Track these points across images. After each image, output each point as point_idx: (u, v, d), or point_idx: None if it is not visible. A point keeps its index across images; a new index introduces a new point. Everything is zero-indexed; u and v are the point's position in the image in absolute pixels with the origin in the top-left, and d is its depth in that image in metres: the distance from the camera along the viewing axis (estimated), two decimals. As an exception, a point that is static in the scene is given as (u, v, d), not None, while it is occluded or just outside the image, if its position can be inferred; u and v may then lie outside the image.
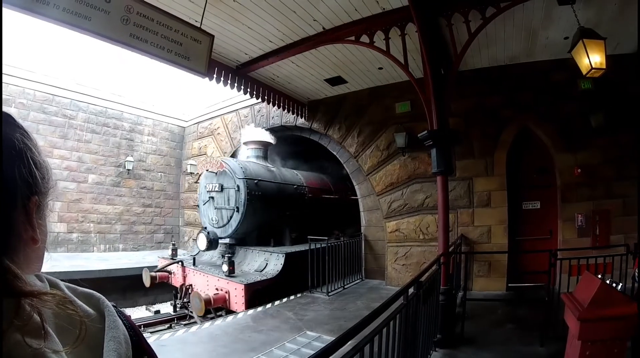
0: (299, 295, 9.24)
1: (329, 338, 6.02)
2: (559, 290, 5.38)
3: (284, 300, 8.82)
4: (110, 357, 0.70)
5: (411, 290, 3.78)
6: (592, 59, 5.55)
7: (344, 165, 11.80)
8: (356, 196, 11.93)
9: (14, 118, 0.74)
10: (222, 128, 15.38)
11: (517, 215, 9.03)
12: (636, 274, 5.61)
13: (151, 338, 6.13)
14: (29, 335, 0.58)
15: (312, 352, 2.08)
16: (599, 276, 3.94)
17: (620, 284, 5.11)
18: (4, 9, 3.95)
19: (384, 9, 6.91)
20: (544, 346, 5.26)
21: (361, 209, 11.47)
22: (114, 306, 0.83)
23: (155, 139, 17.13)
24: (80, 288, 0.79)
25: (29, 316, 0.60)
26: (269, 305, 8.32)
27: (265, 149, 12.69)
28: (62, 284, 0.75)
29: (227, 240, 10.83)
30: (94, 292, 0.80)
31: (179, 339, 6.28)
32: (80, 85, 14.47)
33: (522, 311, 6.89)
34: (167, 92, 17.75)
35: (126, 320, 0.84)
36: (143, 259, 13.69)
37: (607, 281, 3.61)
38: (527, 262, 8.54)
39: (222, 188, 10.64)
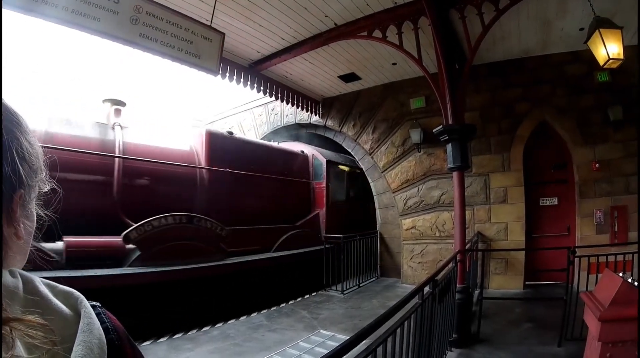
0: (313, 294, 9.23)
1: (343, 337, 5.97)
2: (578, 289, 5.27)
3: (299, 298, 8.81)
4: None
5: (426, 289, 3.71)
6: (609, 49, 5.41)
7: (359, 162, 11.73)
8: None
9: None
10: (236, 127, 15.37)
11: (535, 212, 8.88)
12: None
13: (162, 339, 6.13)
14: None
15: (326, 351, 2.03)
16: (620, 274, 3.81)
17: (638, 282, 4.99)
18: (9, 11, 3.95)
19: (395, 3, 6.82)
20: (562, 346, 5.16)
21: (377, 206, 11.39)
22: (98, 306, 0.78)
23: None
24: (60, 286, 0.74)
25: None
26: (283, 304, 8.30)
27: None
28: (37, 281, 0.70)
29: None
30: (74, 291, 0.75)
31: (190, 338, 6.28)
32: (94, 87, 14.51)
33: (539, 310, 6.76)
34: (183, 94, 17.74)
35: (110, 322, 0.78)
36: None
37: (629, 280, 3.49)
38: (544, 260, 8.42)
39: None
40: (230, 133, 9.59)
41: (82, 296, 0.75)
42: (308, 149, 12.10)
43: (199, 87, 17.10)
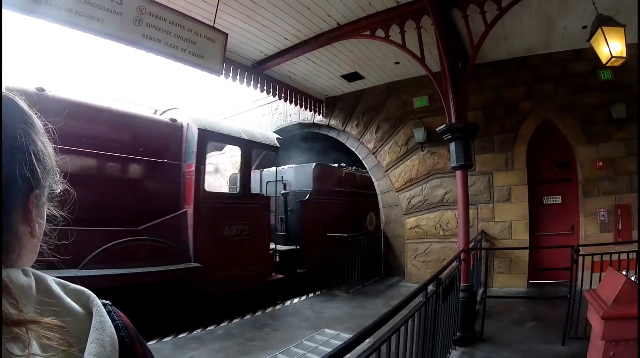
0: (318, 293, 9.23)
1: (348, 336, 5.96)
2: (582, 287, 5.28)
3: (303, 297, 8.82)
4: None
5: (430, 288, 3.72)
6: (612, 47, 5.41)
7: (363, 161, 11.71)
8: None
9: (16, 103, 0.70)
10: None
11: (538, 210, 8.88)
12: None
13: (167, 338, 6.16)
14: (12, 342, 0.55)
15: (330, 350, 2.05)
16: (624, 272, 3.82)
17: (637, 280, 4.98)
18: (14, 13, 3.98)
19: (398, 2, 6.82)
20: (566, 345, 5.15)
21: (380, 205, 11.40)
22: (109, 305, 0.78)
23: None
24: (72, 284, 0.75)
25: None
26: (287, 303, 8.31)
27: None
28: (49, 279, 0.71)
29: None
30: (85, 290, 0.75)
31: (195, 338, 6.31)
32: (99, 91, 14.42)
33: (543, 309, 6.76)
34: (185, 94, 17.70)
35: (121, 320, 0.78)
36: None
37: (632, 278, 3.49)
38: (548, 258, 8.39)
39: None
40: (41, 90, 5.95)
41: (93, 295, 0.75)
42: (183, 117, 8.39)
43: (202, 87, 17.10)
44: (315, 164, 11.16)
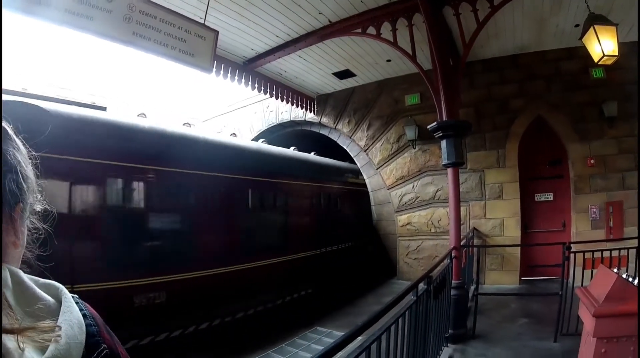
0: (309, 290, 9.21)
1: (340, 334, 5.96)
2: (573, 284, 5.28)
3: (295, 295, 8.80)
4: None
5: (421, 286, 3.71)
6: (604, 45, 5.41)
7: (354, 159, 11.69)
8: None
9: (7, 131, 0.78)
10: (232, 125, 15.31)
11: (530, 207, 8.91)
12: None
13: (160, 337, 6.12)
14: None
15: (322, 348, 2.04)
16: (615, 270, 3.82)
17: (637, 278, 5.00)
18: (4, 12, 3.91)
19: (390, -1, 6.82)
20: (558, 341, 5.17)
21: (372, 203, 11.39)
22: (76, 297, 0.84)
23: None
24: (42, 279, 0.81)
25: None
26: (279, 301, 8.29)
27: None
28: (21, 274, 0.76)
29: None
30: (54, 282, 0.81)
31: (188, 335, 6.25)
32: (93, 94, 14.27)
33: (535, 306, 6.78)
34: (178, 93, 17.57)
35: (88, 310, 0.83)
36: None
37: (624, 276, 3.49)
38: (540, 255, 8.44)
39: None
40: None
41: (62, 286, 0.81)
42: None
43: (194, 85, 17.02)
44: None
